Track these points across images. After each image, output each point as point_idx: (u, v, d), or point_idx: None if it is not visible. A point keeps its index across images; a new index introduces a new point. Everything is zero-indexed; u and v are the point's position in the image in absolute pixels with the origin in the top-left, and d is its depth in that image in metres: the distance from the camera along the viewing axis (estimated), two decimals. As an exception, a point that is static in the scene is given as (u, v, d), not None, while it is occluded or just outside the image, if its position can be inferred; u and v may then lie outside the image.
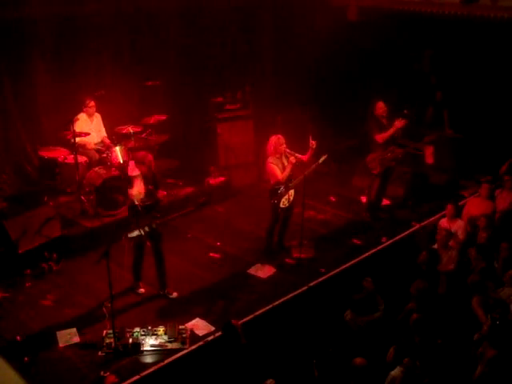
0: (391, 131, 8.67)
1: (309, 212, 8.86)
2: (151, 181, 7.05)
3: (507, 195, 8.40)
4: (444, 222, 8.00)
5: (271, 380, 5.35)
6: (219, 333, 6.31)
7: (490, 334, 5.36)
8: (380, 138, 8.70)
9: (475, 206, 8.29)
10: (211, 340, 6.39)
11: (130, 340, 6.33)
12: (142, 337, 6.41)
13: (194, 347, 6.30)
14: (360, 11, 10.17)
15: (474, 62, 10.08)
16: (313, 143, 7.62)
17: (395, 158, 8.88)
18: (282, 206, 7.79)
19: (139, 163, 7.03)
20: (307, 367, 5.35)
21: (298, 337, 6.32)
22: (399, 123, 8.61)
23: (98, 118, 9.25)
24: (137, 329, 6.51)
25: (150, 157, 7.15)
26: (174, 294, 7.26)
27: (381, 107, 8.75)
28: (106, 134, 9.36)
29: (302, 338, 6.27)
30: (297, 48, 10.67)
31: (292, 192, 7.81)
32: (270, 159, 7.74)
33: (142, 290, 7.33)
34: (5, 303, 7.09)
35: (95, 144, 9.20)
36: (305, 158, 7.70)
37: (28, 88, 9.18)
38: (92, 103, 9.02)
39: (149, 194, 6.96)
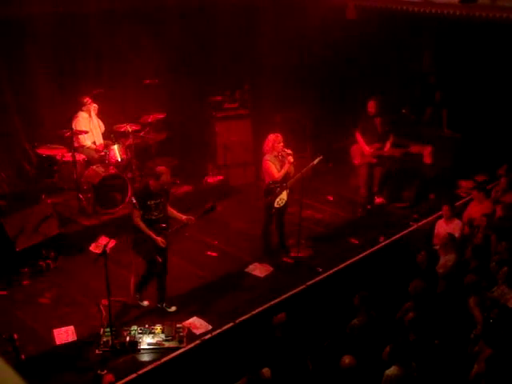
0: (365, 148, 8.96)
1: (306, 211, 8.86)
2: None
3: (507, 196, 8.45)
4: (441, 223, 8.02)
5: (267, 369, 5.38)
6: (216, 331, 6.34)
7: (484, 332, 5.38)
8: (357, 136, 9.04)
9: (475, 207, 8.31)
10: (208, 339, 6.40)
11: (127, 338, 6.34)
12: (139, 335, 6.42)
13: (191, 346, 6.31)
14: (359, 11, 10.16)
15: (473, 62, 10.08)
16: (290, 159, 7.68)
17: (390, 156, 8.97)
18: (276, 205, 7.78)
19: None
20: (302, 361, 5.38)
21: (295, 334, 6.32)
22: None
23: (96, 117, 9.24)
24: (134, 327, 6.52)
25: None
26: (173, 308, 7.00)
27: (370, 106, 8.92)
28: (103, 128, 9.32)
29: (299, 335, 6.27)
30: (296, 47, 10.67)
31: (287, 192, 7.81)
32: (267, 157, 7.73)
33: (146, 303, 7.08)
34: (2, 301, 7.09)
35: (92, 143, 9.19)
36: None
37: (26, 86, 9.17)
38: (88, 99, 8.99)
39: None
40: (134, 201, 6.58)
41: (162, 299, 6.98)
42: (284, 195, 7.77)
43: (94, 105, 9.04)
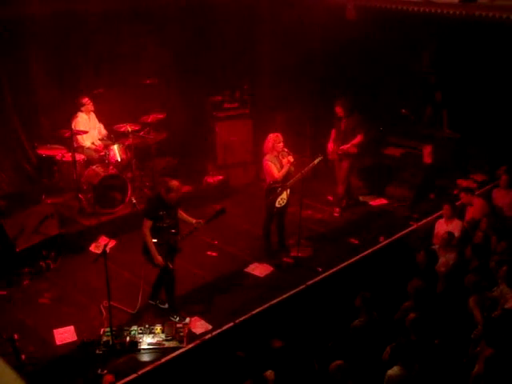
0: (329, 145, 9.23)
1: (306, 211, 8.87)
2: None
3: (505, 194, 8.45)
4: (441, 223, 8.01)
5: (270, 371, 5.37)
6: (216, 331, 6.34)
7: (485, 332, 5.37)
8: (331, 133, 9.30)
9: (470, 209, 8.31)
10: (208, 338, 6.40)
11: (128, 338, 6.34)
12: (140, 335, 6.42)
13: (191, 346, 6.30)
14: (358, 10, 10.16)
15: (473, 62, 10.07)
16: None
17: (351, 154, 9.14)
18: (277, 205, 7.80)
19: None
20: (307, 362, 5.37)
21: (296, 335, 6.32)
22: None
23: (93, 116, 9.25)
24: (134, 327, 6.53)
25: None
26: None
27: (337, 110, 9.02)
28: (104, 131, 9.33)
29: (300, 336, 6.27)
30: (296, 47, 10.65)
31: (287, 191, 7.81)
32: (268, 157, 7.75)
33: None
34: (2, 301, 7.10)
35: (91, 143, 9.19)
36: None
37: (26, 86, 9.16)
38: (87, 100, 9.00)
39: None
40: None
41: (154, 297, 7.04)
42: (285, 195, 7.78)
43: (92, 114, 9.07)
